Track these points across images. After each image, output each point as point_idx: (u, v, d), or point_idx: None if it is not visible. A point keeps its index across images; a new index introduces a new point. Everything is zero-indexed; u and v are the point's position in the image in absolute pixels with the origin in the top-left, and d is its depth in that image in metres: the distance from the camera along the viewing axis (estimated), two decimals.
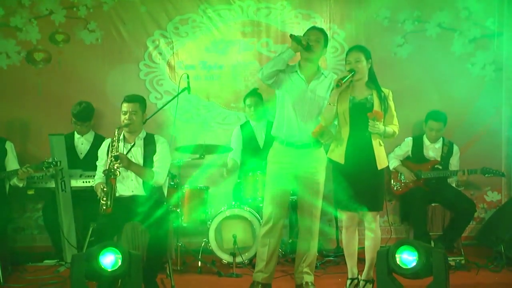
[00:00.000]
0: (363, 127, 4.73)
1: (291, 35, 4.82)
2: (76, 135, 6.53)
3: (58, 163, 5.81)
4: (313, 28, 5.09)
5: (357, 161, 4.77)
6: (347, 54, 4.93)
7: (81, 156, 6.46)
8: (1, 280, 5.46)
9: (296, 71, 4.96)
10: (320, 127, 4.81)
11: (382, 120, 4.74)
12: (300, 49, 4.80)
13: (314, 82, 4.95)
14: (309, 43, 4.83)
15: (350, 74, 4.73)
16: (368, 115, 4.68)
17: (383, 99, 4.79)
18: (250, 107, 6.53)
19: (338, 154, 4.85)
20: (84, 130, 6.51)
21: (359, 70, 4.79)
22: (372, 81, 4.86)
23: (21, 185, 5.87)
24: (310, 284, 5.02)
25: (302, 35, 4.99)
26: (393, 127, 4.84)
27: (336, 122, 4.91)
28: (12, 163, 5.89)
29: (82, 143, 6.51)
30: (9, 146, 5.94)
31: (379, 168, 4.77)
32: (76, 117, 6.42)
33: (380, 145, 4.82)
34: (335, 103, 4.79)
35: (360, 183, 4.77)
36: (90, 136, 6.55)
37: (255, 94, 6.50)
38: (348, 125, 4.81)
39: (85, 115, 6.44)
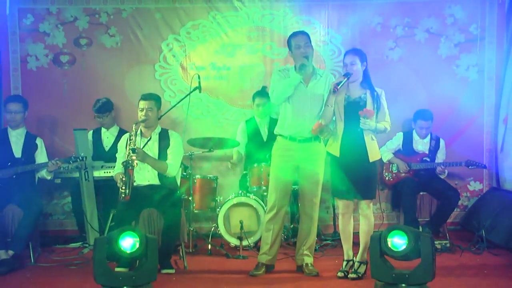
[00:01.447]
0: (356, 123, 4.72)
1: (300, 68, 4.77)
2: (103, 130, 6.56)
3: (84, 158, 5.83)
4: (298, 33, 5.02)
5: (351, 154, 4.77)
6: (344, 57, 4.93)
7: (107, 149, 6.48)
8: (32, 260, 5.49)
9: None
10: (319, 125, 4.80)
11: (374, 117, 4.73)
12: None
13: (311, 82, 4.94)
14: (307, 57, 4.82)
15: (345, 79, 4.73)
16: (359, 113, 4.68)
17: (375, 98, 4.78)
18: (258, 106, 6.49)
19: (334, 147, 4.85)
20: (107, 121, 6.53)
21: (353, 72, 4.79)
22: (367, 82, 4.84)
23: (49, 177, 5.87)
24: (309, 265, 5.03)
25: (288, 41, 4.99)
26: (385, 124, 4.83)
27: (334, 119, 4.90)
28: (41, 157, 5.89)
29: (108, 137, 6.54)
30: (39, 141, 5.94)
31: (370, 160, 4.77)
32: (98, 111, 6.46)
33: (372, 139, 4.81)
34: (332, 105, 4.80)
35: (354, 174, 4.77)
36: (115, 130, 6.57)
37: (264, 94, 6.44)
38: (343, 122, 4.81)
39: (105, 108, 6.49)
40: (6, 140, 5.79)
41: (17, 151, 5.78)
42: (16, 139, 5.82)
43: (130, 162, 4.96)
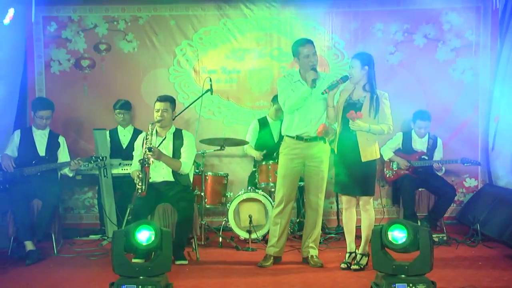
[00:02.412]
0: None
1: (312, 84, 4.75)
2: (119, 129, 6.56)
3: (104, 158, 5.85)
4: (306, 42, 4.94)
5: (346, 153, 4.79)
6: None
7: (124, 146, 6.48)
8: (55, 251, 5.53)
9: (299, 80, 4.92)
10: (323, 127, 4.80)
11: (368, 119, 4.67)
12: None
13: (316, 86, 4.89)
14: (315, 69, 4.81)
15: (337, 83, 4.70)
16: (346, 115, 4.66)
17: (373, 101, 4.72)
18: (277, 111, 6.36)
19: (335, 146, 4.86)
20: (127, 118, 6.54)
21: (352, 75, 4.76)
22: (370, 85, 4.79)
23: (71, 175, 5.90)
24: (314, 257, 5.01)
25: (294, 47, 4.94)
26: (383, 126, 4.74)
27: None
28: (63, 155, 5.91)
29: (124, 135, 6.53)
30: (61, 140, 5.96)
31: (363, 160, 4.72)
32: (121, 107, 6.48)
33: (368, 140, 4.73)
34: (332, 105, 4.78)
35: (351, 172, 4.78)
36: (130, 129, 6.58)
37: None
38: (340, 123, 4.80)
39: (128, 105, 6.53)
40: (31, 139, 5.80)
41: (41, 150, 5.80)
42: (40, 138, 5.83)
43: (146, 160, 4.97)
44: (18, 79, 6.65)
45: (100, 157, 5.83)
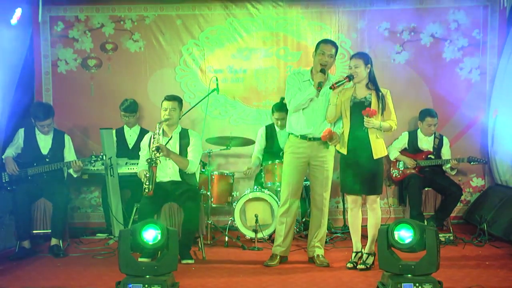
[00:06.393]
0: (361, 122, 4.69)
1: (318, 84, 4.74)
2: (126, 128, 6.56)
3: (104, 156, 5.86)
4: (328, 42, 4.98)
5: (357, 152, 4.76)
6: (350, 60, 4.90)
7: (130, 147, 6.48)
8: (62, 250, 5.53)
9: (309, 80, 4.92)
10: (329, 132, 4.79)
11: (378, 116, 4.70)
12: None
13: (324, 88, 4.87)
14: (323, 71, 4.80)
15: (344, 80, 4.70)
16: (362, 112, 4.66)
17: (380, 98, 4.74)
18: (277, 120, 6.37)
19: (342, 146, 4.84)
20: (132, 121, 6.54)
21: (357, 74, 4.76)
22: (373, 83, 4.80)
23: (75, 175, 5.93)
24: (320, 256, 5.01)
25: (317, 43, 4.95)
26: (390, 122, 4.77)
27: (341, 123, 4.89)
28: (69, 153, 5.92)
29: (131, 135, 6.54)
30: (66, 138, 5.97)
31: (375, 157, 4.72)
32: (125, 110, 6.47)
33: (378, 138, 4.75)
34: (334, 103, 4.77)
35: (361, 171, 4.76)
36: (137, 129, 6.58)
37: (282, 108, 6.23)
38: (349, 122, 4.80)
39: (132, 108, 6.50)
40: (34, 138, 5.80)
41: (45, 149, 5.80)
42: (45, 137, 5.82)
43: (154, 159, 4.97)
44: (16, 78, 6.54)
45: (100, 156, 5.84)
